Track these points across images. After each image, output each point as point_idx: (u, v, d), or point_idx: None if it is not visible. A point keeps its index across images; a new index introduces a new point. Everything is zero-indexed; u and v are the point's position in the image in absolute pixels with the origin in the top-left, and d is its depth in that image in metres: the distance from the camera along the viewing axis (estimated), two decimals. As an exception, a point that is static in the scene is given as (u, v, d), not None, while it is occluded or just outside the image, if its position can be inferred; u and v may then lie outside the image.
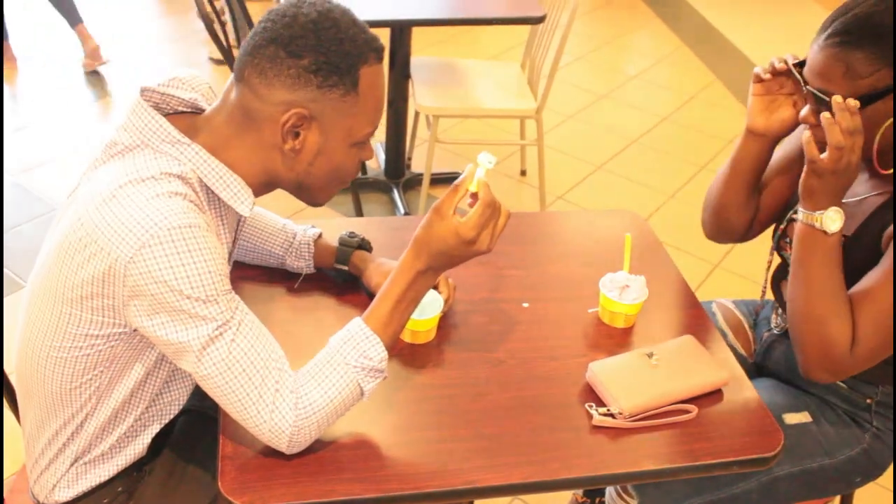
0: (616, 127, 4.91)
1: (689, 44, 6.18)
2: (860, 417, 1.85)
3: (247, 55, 1.41)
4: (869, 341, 1.62)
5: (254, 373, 1.38)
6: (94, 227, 1.34)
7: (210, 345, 1.36)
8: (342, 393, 1.43)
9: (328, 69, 1.38)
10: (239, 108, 1.43)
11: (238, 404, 1.39)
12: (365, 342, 1.45)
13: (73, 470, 1.59)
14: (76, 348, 1.45)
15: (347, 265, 1.82)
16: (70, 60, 5.14)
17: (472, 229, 1.44)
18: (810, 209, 1.64)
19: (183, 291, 1.32)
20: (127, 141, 1.42)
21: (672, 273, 1.98)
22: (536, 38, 3.87)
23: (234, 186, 1.46)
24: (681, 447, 1.55)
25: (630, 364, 1.65)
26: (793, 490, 1.85)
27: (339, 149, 1.46)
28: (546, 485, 1.49)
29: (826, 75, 1.60)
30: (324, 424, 1.44)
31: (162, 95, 1.48)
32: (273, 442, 1.42)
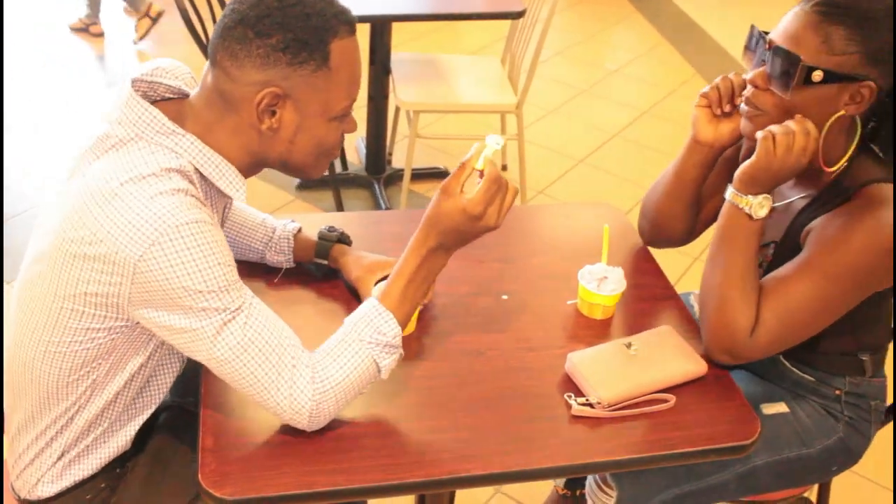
0: (596, 121, 4.92)
1: (669, 38, 6.20)
2: (832, 408, 1.86)
3: (217, 38, 1.41)
4: (770, 330, 1.64)
5: (269, 352, 1.40)
6: (99, 226, 1.34)
7: (223, 330, 1.38)
8: (358, 369, 1.46)
9: (297, 46, 1.38)
10: (215, 91, 1.43)
11: (257, 385, 1.41)
12: (378, 318, 1.47)
13: (58, 464, 1.59)
14: (76, 342, 1.46)
15: (327, 259, 1.83)
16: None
17: (479, 205, 1.45)
18: (742, 191, 1.66)
19: (194, 287, 1.34)
20: (121, 134, 1.42)
21: (650, 265, 2.00)
22: (516, 32, 3.88)
23: (229, 175, 1.47)
24: (659, 436, 1.56)
25: (609, 354, 1.66)
26: (771, 480, 1.87)
27: (318, 124, 1.47)
28: (526, 474, 1.50)
29: (799, 39, 1.59)
30: (342, 401, 1.46)
31: (150, 84, 1.48)
32: (294, 420, 1.44)
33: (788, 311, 1.63)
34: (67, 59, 5.20)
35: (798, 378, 1.86)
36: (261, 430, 1.51)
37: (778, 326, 1.64)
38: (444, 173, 4.23)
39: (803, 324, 1.66)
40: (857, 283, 1.63)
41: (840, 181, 1.69)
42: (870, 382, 1.86)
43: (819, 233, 1.65)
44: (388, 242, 1.97)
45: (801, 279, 1.63)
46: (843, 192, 1.66)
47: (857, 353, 1.82)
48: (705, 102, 1.82)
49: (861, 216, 1.60)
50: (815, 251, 1.63)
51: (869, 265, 1.60)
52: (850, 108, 1.61)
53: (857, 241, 1.59)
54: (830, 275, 1.61)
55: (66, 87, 4.89)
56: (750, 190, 1.65)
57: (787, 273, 1.66)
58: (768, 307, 1.64)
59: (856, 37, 1.56)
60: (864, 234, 1.59)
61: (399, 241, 1.98)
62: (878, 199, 1.61)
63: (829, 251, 1.61)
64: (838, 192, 1.67)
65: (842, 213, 1.63)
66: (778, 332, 1.64)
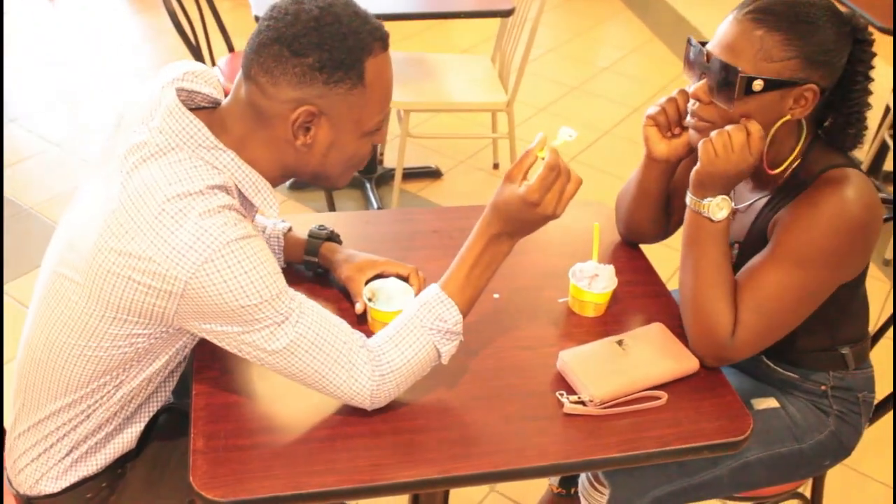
0: (587, 119, 4.92)
1: (659, 35, 6.21)
2: (821, 404, 1.87)
3: (252, 52, 1.41)
4: (750, 327, 1.64)
5: (322, 345, 1.43)
6: (148, 243, 1.34)
7: (276, 332, 1.40)
8: (419, 354, 1.50)
9: (333, 65, 1.38)
10: (249, 105, 1.44)
11: (314, 376, 1.45)
12: (440, 306, 1.50)
13: (65, 461, 1.60)
14: (114, 347, 1.46)
15: (317, 257, 1.83)
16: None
17: (535, 192, 1.47)
18: (698, 196, 1.66)
19: (246, 302, 1.36)
20: (161, 143, 1.41)
21: (641, 262, 2.00)
22: (506, 31, 3.88)
23: (265, 192, 1.49)
24: (651, 433, 1.56)
25: (600, 352, 1.66)
26: (763, 475, 1.87)
27: (352, 139, 1.48)
28: (518, 472, 1.50)
29: (736, 49, 1.59)
30: (403, 384, 1.51)
31: (189, 93, 1.49)
32: (355, 402, 1.49)
33: (765, 304, 1.63)
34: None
35: (783, 377, 1.87)
36: (252, 432, 1.50)
37: (757, 322, 1.64)
38: (436, 172, 4.23)
39: (782, 315, 1.65)
40: (827, 265, 1.62)
41: (797, 174, 1.70)
42: (854, 375, 1.86)
43: (783, 222, 1.65)
44: (379, 242, 1.97)
45: (773, 271, 1.63)
46: (801, 183, 1.67)
47: (836, 348, 1.82)
48: (652, 122, 1.82)
49: (822, 198, 1.60)
50: (781, 240, 1.63)
51: (836, 245, 1.60)
52: (795, 112, 1.61)
53: (821, 222, 1.59)
54: (800, 261, 1.61)
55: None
56: (705, 193, 1.66)
57: (757, 266, 1.66)
58: (745, 305, 1.64)
59: (792, 41, 1.56)
60: (828, 215, 1.59)
61: (390, 241, 1.99)
62: (837, 179, 1.61)
63: (795, 238, 1.61)
64: (797, 183, 1.68)
65: (802, 200, 1.63)
66: (758, 328, 1.64)
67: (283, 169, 1.50)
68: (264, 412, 1.55)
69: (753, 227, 1.75)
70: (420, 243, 2.01)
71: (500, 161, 4.38)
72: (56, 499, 1.62)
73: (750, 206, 1.78)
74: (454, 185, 4.21)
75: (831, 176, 1.62)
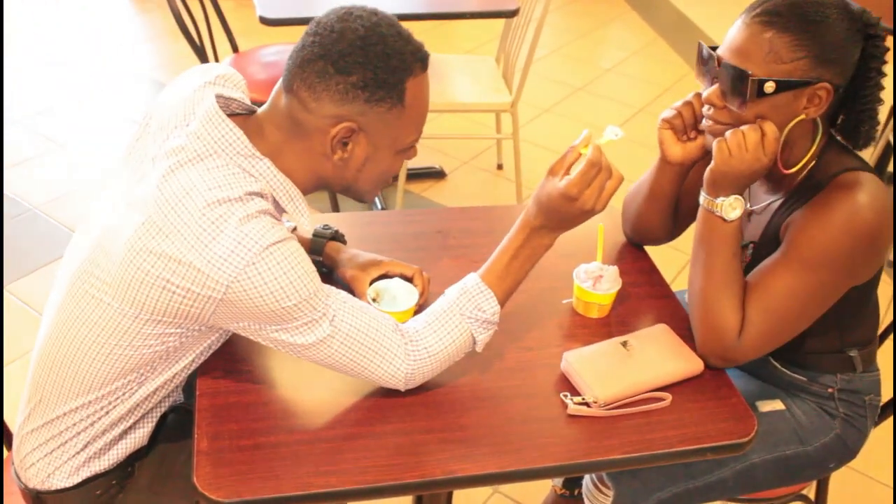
0: (591, 120, 4.92)
1: (663, 35, 6.21)
2: (827, 406, 1.86)
3: (296, 67, 1.43)
4: (758, 328, 1.64)
5: (358, 335, 1.47)
6: (189, 248, 1.35)
7: (313, 326, 1.43)
8: (456, 341, 1.55)
9: (375, 85, 1.41)
10: (288, 117, 1.46)
11: (351, 365, 1.49)
12: (479, 296, 1.55)
13: (78, 457, 1.60)
14: (146, 346, 1.48)
15: (321, 256, 1.83)
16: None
17: (575, 186, 1.50)
18: (712, 195, 1.67)
19: (285, 304, 1.39)
20: (199, 149, 1.42)
21: (645, 263, 1.99)
22: (510, 31, 3.88)
23: (298, 201, 1.51)
24: (655, 434, 1.56)
25: (604, 353, 1.66)
26: (768, 477, 1.87)
27: (387, 156, 1.51)
28: (522, 473, 1.50)
29: (746, 53, 1.59)
30: (438, 369, 1.56)
31: (226, 100, 1.50)
32: (390, 384, 1.54)
33: (773, 306, 1.63)
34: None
35: (790, 379, 1.86)
36: (255, 432, 1.50)
37: (765, 324, 1.64)
38: (440, 173, 4.23)
39: (790, 318, 1.65)
40: (838, 270, 1.62)
41: (812, 176, 1.69)
42: (862, 378, 1.86)
43: (796, 225, 1.64)
44: (383, 242, 1.97)
45: (783, 273, 1.63)
46: (815, 185, 1.66)
47: (844, 350, 1.82)
48: (667, 126, 1.82)
49: (835, 202, 1.60)
50: (792, 243, 1.63)
51: (848, 249, 1.60)
52: (809, 111, 1.61)
53: (833, 227, 1.58)
54: (810, 264, 1.60)
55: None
56: (718, 193, 1.66)
57: (768, 269, 1.65)
58: (753, 306, 1.64)
59: (802, 41, 1.56)
60: (840, 220, 1.58)
61: (394, 241, 1.99)
62: (851, 184, 1.61)
63: (807, 241, 1.61)
64: (811, 185, 1.67)
65: (816, 203, 1.63)
66: (766, 329, 1.64)
67: (318, 180, 1.53)
68: (268, 413, 1.55)
69: (768, 228, 1.75)
70: (424, 244, 2.01)
71: (504, 162, 4.38)
72: (66, 494, 1.63)
73: (766, 207, 1.78)
74: (458, 186, 4.21)
75: (845, 180, 1.62)
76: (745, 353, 1.66)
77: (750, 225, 1.81)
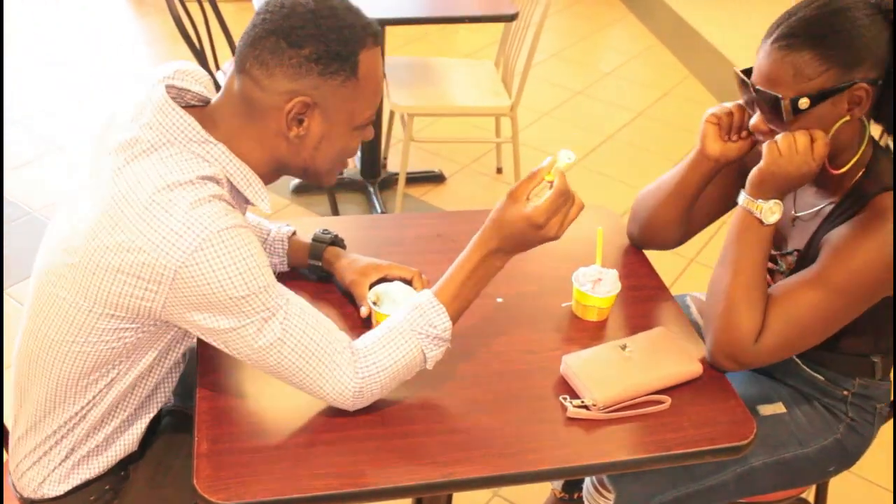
0: (591, 123, 4.92)
1: (662, 40, 6.21)
2: (836, 409, 1.87)
3: (247, 47, 1.43)
4: (775, 337, 1.65)
5: (308, 343, 1.44)
6: (138, 233, 1.35)
7: (263, 328, 1.41)
8: (406, 357, 1.51)
9: (329, 57, 1.40)
10: (242, 99, 1.45)
11: (299, 374, 1.46)
12: (432, 311, 1.52)
13: (66, 463, 1.59)
14: (101, 342, 1.47)
15: (321, 261, 1.83)
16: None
17: (543, 215, 1.49)
18: (753, 196, 1.67)
19: (235, 293, 1.37)
20: (152, 139, 1.42)
21: (644, 267, 2.00)
22: (510, 35, 3.88)
23: (256, 185, 1.50)
24: (654, 437, 1.56)
25: (603, 356, 1.66)
26: (768, 480, 1.87)
27: (343, 133, 1.49)
28: (522, 476, 1.50)
29: (775, 79, 1.61)
30: (387, 386, 1.52)
31: (179, 91, 1.50)
32: (337, 403, 1.50)
33: (796, 319, 1.64)
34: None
35: (809, 377, 1.87)
36: (256, 435, 1.50)
37: (784, 334, 1.65)
38: (440, 177, 4.24)
39: (808, 333, 1.66)
40: (863, 295, 1.64)
41: (859, 187, 1.70)
42: (878, 385, 1.87)
43: (831, 244, 1.65)
44: (382, 246, 1.97)
45: (810, 290, 1.64)
46: (861, 198, 1.67)
47: (870, 356, 1.82)
48: (715, 120, 1.81)
49: (868, 229, 1.61)
50: (825, 263, 1.64)
51: (875, 278, 1.62)
52: (854, 112, 1.62)
53: (864, 254, 1.60)
54: (838, 287, 1.62)
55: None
56: (761, 194, 1.66)
57: (797, 282, 1.66)
58: (776, 315, 1.65)
59: (823, 55, 1.57)
60: (871, 247, 1.60)
61: (394, 245, 1.99)
62: (885, 210, 1.62)
63: (837, 264, 1.62)
64: (857, 198, 1.68)
65: (853, 224, 1.64)
66: (783, 339, 1.65)
67: (275, 163, 1.51)
68: (268, 416, 1.56)
69: (814, 237, 1.75)
70: (423, 247, 2.01)
71: (504, 165, 4.38)
72: (59, 501, 1.62)
73: (814, 215, 1.78)
74: (457, 190, 4.21)
75: (882, 205, 1.63)
76: (758, 358, 1.66)
77: (794, 231, 1.82)
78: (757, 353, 1.65)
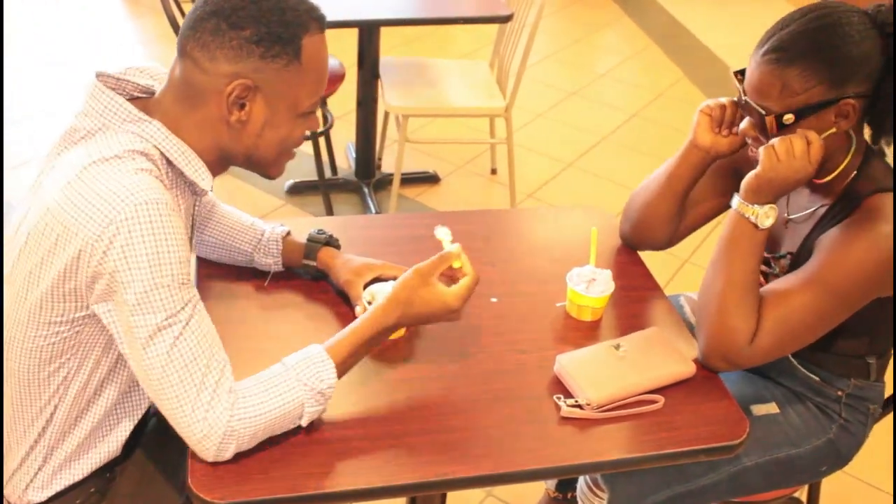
0: (585, 124, 4.93)
1: (657, 41, 6.22)
2: (830, 409, 1.88)
3: (188, 29, 1.42)
4: (769, 338, 1.65)
5: (195, 369, 1.37)
6: (60, 209, 1.35)
7: (157, 334, 1.35)
8: (285, 406, 1.43)
9: (270, 39, 1.39)
10: (184, 83, 1.44)
11: (174, 400, 1.37)
12: (321, 365, 1.46)
13: (45, 468, 1.58)
14: (40, 337, 1.45)
15: (315, 261, 1.83)
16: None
17: (460, 300, 1.53)
18: (749, 201, 1.66)
19: (142, 278, 1.33)
20: (88, 126, 1.43)
21: (638, 267, 2.00)
22: (504, 36, 3.89)
23: (195, 162, 1.47)
24: (648, 437, 1.56)
25: (597, 356, 1.67)
26: (761, 480, 1.88)
27: (286, 120, 1.48)
28: (515, 475, 1.50)
29: (763, 92, 1.62)
30: (257, 436, 1.42)
31: (118, 81, 1.49)
32: (201, 443, 1.38)
33: (790, 320, 1.65)
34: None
35: (802, 376, 1.87)
36: (250, 434, 1.50)
37: (777, 335, 1.65)
38: (434, 177, 4.24)
39: (802, 334, 1.67)
40: (857, 295, 1.65)
41: (851, 190, 1.70)
42: (872, 386, 1.87)
43: (824, 245, 1.66)
44: (377, 247, 1.97)
45: (804, 291, 1.64)
46: (853, 201, 1.68)
47: (865, 357, 1.83)
48: (709, 111, 1.82)
49: (861, 230, 1.62)
50: (818, 264, 1.65)
51: (868, 278, 1.62)
52: (841, 125, 1.63)
53: (857, 254, 1.61)
54: (832, 288, 1.63)
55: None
56: (757, 199, 1.66)
57: (790, 284, 1.67)
58: (769, 316, 1.65)
59: (811, 71, 1.58)
60: (864, 248, 1.61)
61: (388, 245, 1.99)
62: (877, 210, 1.63)
63: (831, 265, 1.63)
64: (849, 201, 1.69)
65: (846, 225, 1.65)
66: (777, 341, 1.66)
67: (218, 150, 1.49)
68: (262, 415, 1.55)
69: (807, 240, 1.76)
70: (417, 247, 2.00)
71: (498, 166, 4.39)
72: None
73: (807, 217, 1.79)
74: (452, 191, 4.21)
75: (874, 206, 1.64)
76: (752, 359, 1.67)
77: (787, 234, 1.83)
78: (752, 355, 1.66)
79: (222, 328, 1.68)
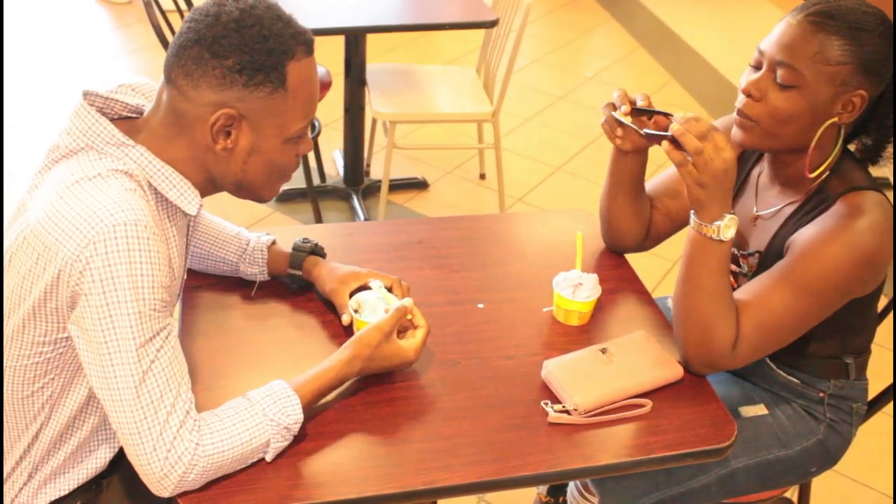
0: (573, 128, 4.93)
1: (644, 44, 6.23)
2: (814, 410, 1.88)
3: (173, 56, 1.40)
4: (752, 342, 1.65)
5: (162, 401, 1.35)
6: (41, 228, 1.34)
7: (123, 365, 1.33)
8: (252, 441, 1.41)
9: (253, 68, 1.38)
10: (170, 109, 1.43)
11: (137, 435, 1.34)
12: (286, 400, 1.46)
13: (31, 484, 1.57)
14: (24, 356, 1.44)
15: (300, 270, 1.82)
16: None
17: (416, 353, 1.60)
18: (706, 221, 1.61)
19: (117, 297, 1.31)
20: (70, 144, 1.42)
21: (625, 270, 2.00)
22: (490, 42, 3.89)
23: (181, 186, 1.46)
24: (636, 441, 1.56)
25: (584, 361, 1.67)
26: (751, 482, 1.88)
27: (274, 146, 1.46)
28: (504, 482, 1.50)
29: (794, 49, 1.61)
30: (220, 469, 1.40)
31: (105, 100, 1.47)
32: (160, 477, 1.35)
33: (769, 323, 1.64)
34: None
35: (783, 380, 1.87)
36: (237, 444, 1.50)
37: (759, 338, 1.65)
38: (423, 183, 4.24)
39: (783, 333, 1.67)
40: (835, 293, 1.65)
41: (823, 188, 1.71)
42: (853, 385, 1.88)
43: (798, 244, 1.66)
44: (364, 254, 1.97)
45: (781, 291, 1.64)
46: (825, 199, 1.68)
47: (842, 357, 1.83)
48: (606, 126, 1.89)
49: (838, 227, 1.62)
50: (794, 263, 1.64)
51: (846, 275, 1.62)
52: (842, 117, 1.64)
53: (833, 252, 1.60)
54: (809, 287, 1.62)
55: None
56: (708, 216, 1.61)
57: (766, 284, 1.66)
58: (748, 321, 1.65)
59: (850, 47, 1.59)
60: (840, 246, 1.60)
61: (376, 252, 1.99)
62: (853, 207, 1.63)
63: (808, 263, 1.62)
64: (821, 199, 1.69)
65: (821, 222, 1.65)
66: (759, 343, 1.66)
67: (207, 177, 1.48)
68: (249, 425, 1.55)
69: (776, 238, 1.75)
70: (406, 254, 2.01)
71: (487, 171, 4.39)
72: None
73: (775, 214, 1.79)
74: (440, 196, 4.21)
75: (849, 201, 1.64)
76: (735, 363, 1.67)
77: (756, 231, 1.82)
78: (734, 360, 1.66)
79: (209, 339, 1.68)
